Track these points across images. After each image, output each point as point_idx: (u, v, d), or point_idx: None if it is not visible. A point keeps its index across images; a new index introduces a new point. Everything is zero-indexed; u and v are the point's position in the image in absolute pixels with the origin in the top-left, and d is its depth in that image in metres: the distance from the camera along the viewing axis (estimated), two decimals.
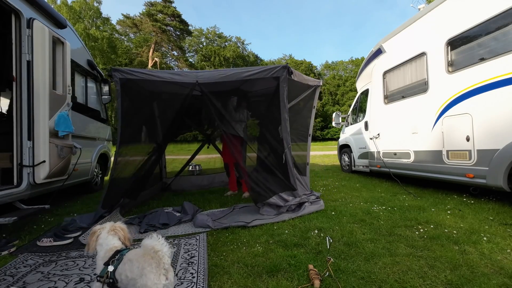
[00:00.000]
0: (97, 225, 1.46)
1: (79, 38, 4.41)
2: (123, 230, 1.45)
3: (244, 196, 4.16)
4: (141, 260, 1.16)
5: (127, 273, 1.18)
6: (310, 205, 3.34)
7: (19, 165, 2.77)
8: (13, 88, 2.76)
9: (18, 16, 2.74)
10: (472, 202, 3.52)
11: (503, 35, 3.09)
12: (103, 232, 1.39)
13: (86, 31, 24.82)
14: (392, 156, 4.94)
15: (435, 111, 3.98)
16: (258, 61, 50.35)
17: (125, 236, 1.44)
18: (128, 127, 3.40)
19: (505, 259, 1.88)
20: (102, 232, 1.39)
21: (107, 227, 1.42)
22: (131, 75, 3.24)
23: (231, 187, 4.48)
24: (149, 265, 1.14)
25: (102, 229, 1.41)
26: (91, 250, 1.37)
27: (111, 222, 1.48)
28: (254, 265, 1.88)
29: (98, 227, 1.43)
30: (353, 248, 2.12)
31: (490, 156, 3.15)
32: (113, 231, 1.41)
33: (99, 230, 1.41)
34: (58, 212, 3.57)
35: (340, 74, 51.84)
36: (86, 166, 4.43)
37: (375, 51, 5.55)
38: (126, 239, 1.44)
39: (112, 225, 1.44)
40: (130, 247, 1.40)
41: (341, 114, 7.67)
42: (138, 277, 1.14)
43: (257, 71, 3.20)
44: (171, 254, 1.21)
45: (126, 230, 1.47)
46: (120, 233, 1.42)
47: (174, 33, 38.54)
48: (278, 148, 3.47)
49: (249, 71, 3.22)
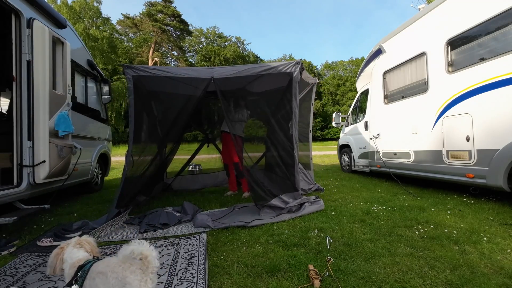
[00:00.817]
0: (61, 243, 1.33)
1: (79, 38, 4.41)
2: (89, 244, 1.32)
3: (244, 196, 4.16)
4: (119, 270, 1.04)
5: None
6: (310, 205, 3.34)
7: (19, 165, 2.77)
8: (13, 88, 2.76)
9: (18, 16, 2.74)
10: (472, 202, 3.52)
11: (503, 35, 3.09)
12: (68, 247, 1.25)
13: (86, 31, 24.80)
14: (392, 156, 4.94)
15: (435, 111, 3.98)
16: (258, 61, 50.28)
17: (92, 249, 1.31)
18: (140, 126, 3.40)
19: (505, 259, 1.88)
20: (67, 248, 1.25)
21: (73, 242, 1.29)
22: (144, 72, 3.23)
23: (231, 187, 4.49)
24: (132, 273, 1.03)
25: (67, 245, 1.27)
26: (56, 271, 1.22)
27: (77, 237, 1.35)
28: (254, 265, 1.88)
29: (62, 244, 1.29)
30: (353, 248, 2.12)
31: (490, 156, 3.15)
32: (78, 244, 1.28)
33: (63, 247, 1.27)
34: (58, 212, 3.57)
35: (340, 74, 51.79)
36: (86, 166, 4.43)
37: (375, 51, 5.55)
38: (94, 252, 1.30)
39: (77, 239, 1.32)
40: (95, 258, 1.25)
41: (341, 114, 7.67)
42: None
43: (271, 67, 3.23)
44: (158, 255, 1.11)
45: (94, 244, 1.35)
46: (87, 246, 1.29)
47: (174, 33, 38.53)
48: (286, 144, 3.43)
49: (263, 67, 3.25)
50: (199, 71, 3.32)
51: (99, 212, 3.36)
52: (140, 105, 3.38)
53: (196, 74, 3.30)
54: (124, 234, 2.67)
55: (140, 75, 3.24)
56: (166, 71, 3.31)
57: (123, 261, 1.06)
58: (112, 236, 2.60)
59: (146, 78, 3.30)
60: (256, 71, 3.25)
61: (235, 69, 3.32)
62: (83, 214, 3.46)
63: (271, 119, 3.60)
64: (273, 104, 3.67)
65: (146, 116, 3.61)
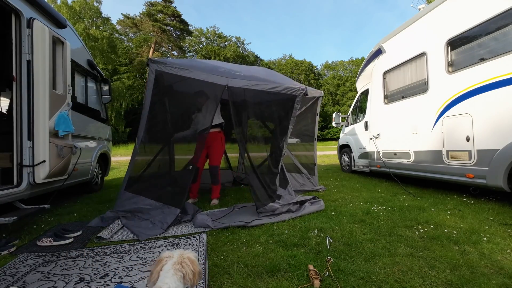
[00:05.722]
0: (166, 252, 1.22)
1: (79, 38, 4.41)
2: (192, 263, 1.17)
3: (214, 203, 3.79)
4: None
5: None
6: (310, 205, 3.35)
7: (19, 165, 2.76)
8: (13, 88, 2.76)
9: (18, 16, 2.74)
10: (472, 202, 3.52)
11: (503, 35, 3.09)
12: (168, 263, 1.14)
13: (86, 31, 24.75)
14: (392, 156, 4.94)
15: (435, 111, 3.98)
16: (258, 61, 50.24)
17: (194, 270, 1.17)
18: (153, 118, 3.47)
19: (505, 259, 1.88)
20: (167, 263, 1.14)
21: (175, 258, 1.16)
22: (168, 68, 3.31)
23: (192, 194, 4.00)
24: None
25: (169, 259, 1.16)
26: (151, 284, 1.12)
27: (181, 250, 1.22)
28: (254, 265, 1.88)
29: (166, 254, 1.19)
30: (353, 248, 2.12)
31: (490, 156, 3.15)
32: (179, 264, 1.13)
33: (165, 259, 1.16)
34: (58, 212, 3.57)
35: (340, 74, 51.78)
36: (86, 166, 4.43)
37: (375, 51, 5.55)
38: (195, 276, 1.16)
39: (180, 257, 1.17)
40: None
41: (341, 114, 7.68)
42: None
43: (280, 87, 3.51)
44: None
45: (196, 263, 1.20)
46: (187, 268, 1.14)
47: (174, 33, 38.47)
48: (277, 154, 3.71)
49: (274, 86, 3.51)
50: (218, 75, 3.40)
51: (99, 212, 3.35)
52: (156, 98, 3.48)
53: (214, 80, 3.37)
54: (124, 234, 2.67)
55: (163, 71, 3.33)
56: (189, 70, 3.35)
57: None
58: (114, 236, 2.60)
59: (168, 75, 3.38)
60: (266, 87, 3.50)
61: (249, 82, 3.47)
62: (83, 214, 3.46)
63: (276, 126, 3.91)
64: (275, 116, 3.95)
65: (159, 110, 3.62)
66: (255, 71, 4.25)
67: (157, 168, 3.55)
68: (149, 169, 3.47)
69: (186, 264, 1.15)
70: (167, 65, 3.34)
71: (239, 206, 3.48)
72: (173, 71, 3.33)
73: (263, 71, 4.60)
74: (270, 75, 4.38)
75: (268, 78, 3.92)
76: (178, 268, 1.12)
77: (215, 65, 4.03)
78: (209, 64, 4.14)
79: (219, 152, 4.07)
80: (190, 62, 4.07)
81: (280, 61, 52.49)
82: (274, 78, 4.10)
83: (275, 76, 4.56)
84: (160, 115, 3.66)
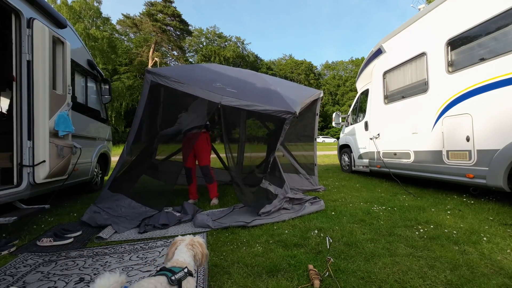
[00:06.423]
0: (179, 236, 1.44)
1: (79, 38, 4.41)
2: (200, 247, 1.39)
3: (214, 203, 3.83)
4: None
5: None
6: (310, 205, 3.35)
7: (19, 165, 2.76)
8: (13, 88, 2.76)
9: (18, 16, 2.74)
10: (472, 202, 3.52)
11: (503, 35, 3.09)
12: (182, 244, 1.36)
13: (86, 31, 24.76)
14: (392, 156, 4.94)
15: (435, 111, 3.98)
16: (258, 61, 50.29)
17: (203, 252, 1.38)
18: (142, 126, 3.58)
19: (505, 259, 1.88)
20: (181, 244, 1.36)
21: (187, 240, 1.38)
22: (164, 81, 3.39)
23: (192, 195, 4.02)
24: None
25: (182, 241, 1.38)
26: (168, 260, 1.32)
27: (191, 236, 1.45)
28: (254, 265, 1.88)
29: (179, 238, 1.41)
30: (353, 248, 2.13)
31: (490, 156, 3.15)
32: (191, 245, 1.36)
33: (179, 241, 1.38)
34: (58, 212, 3.57)
35: (340, 74, 51.83)
36: (86, 166, 4.43)
37: (375, 51, 5.55)
38: (203, 256, 1.38)
39: (191, 239, 1.40)
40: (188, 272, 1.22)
41: (341, 114, 7.68)
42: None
43: (271, 110, 3.53)
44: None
45: (204, 246, 1.42)
46: (197, 249, 1.36)
47: (174, 33, 38.47)
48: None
49: (265, 108, 3.53)
50: (213, 92, 3.43)
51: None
52: (149, 108, 3.58)
53: (208, 96, 3.42)
54: (124, 234, 2.67)
55: (158, 83, 3.43)
56: (184, 84, 3.40)
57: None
58: (114, 236, 2.60)
59: (162, 86, 3.50)
60: (258, 109, 3.51)
61: (242, 103, 3.48)
62: (83, 214, 3.45)
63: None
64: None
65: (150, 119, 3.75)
66: (252, 88, 4.06)
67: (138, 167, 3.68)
68: (131, 168, 3.60)
69: (196, 246, 1.37)
70: (163, 77, 3.39)
71: (239, 206, 3.48)
72: (168, 84, 3.38)
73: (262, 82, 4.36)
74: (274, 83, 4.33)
75: (264, 93, 3.92)
76: (190, 248, 1.34)
77: (211, 77, 3.88)
78: (206, 76, 3.97)
79: (205, 151, 4.05)
80: (186, 73, 3.95)
81: (280, 61, 52.51)
82: (275, 87, 4.09)
83: (277, 84, 4.39)
84: (151, 125, 3.83)
